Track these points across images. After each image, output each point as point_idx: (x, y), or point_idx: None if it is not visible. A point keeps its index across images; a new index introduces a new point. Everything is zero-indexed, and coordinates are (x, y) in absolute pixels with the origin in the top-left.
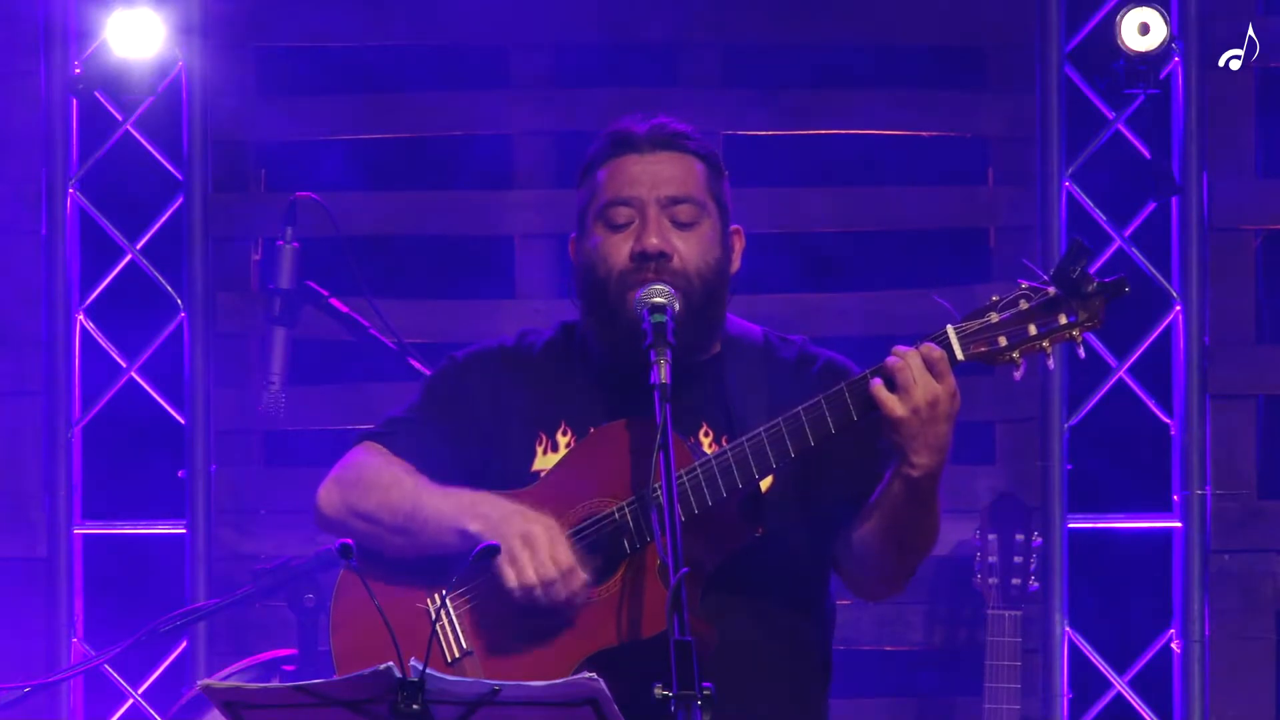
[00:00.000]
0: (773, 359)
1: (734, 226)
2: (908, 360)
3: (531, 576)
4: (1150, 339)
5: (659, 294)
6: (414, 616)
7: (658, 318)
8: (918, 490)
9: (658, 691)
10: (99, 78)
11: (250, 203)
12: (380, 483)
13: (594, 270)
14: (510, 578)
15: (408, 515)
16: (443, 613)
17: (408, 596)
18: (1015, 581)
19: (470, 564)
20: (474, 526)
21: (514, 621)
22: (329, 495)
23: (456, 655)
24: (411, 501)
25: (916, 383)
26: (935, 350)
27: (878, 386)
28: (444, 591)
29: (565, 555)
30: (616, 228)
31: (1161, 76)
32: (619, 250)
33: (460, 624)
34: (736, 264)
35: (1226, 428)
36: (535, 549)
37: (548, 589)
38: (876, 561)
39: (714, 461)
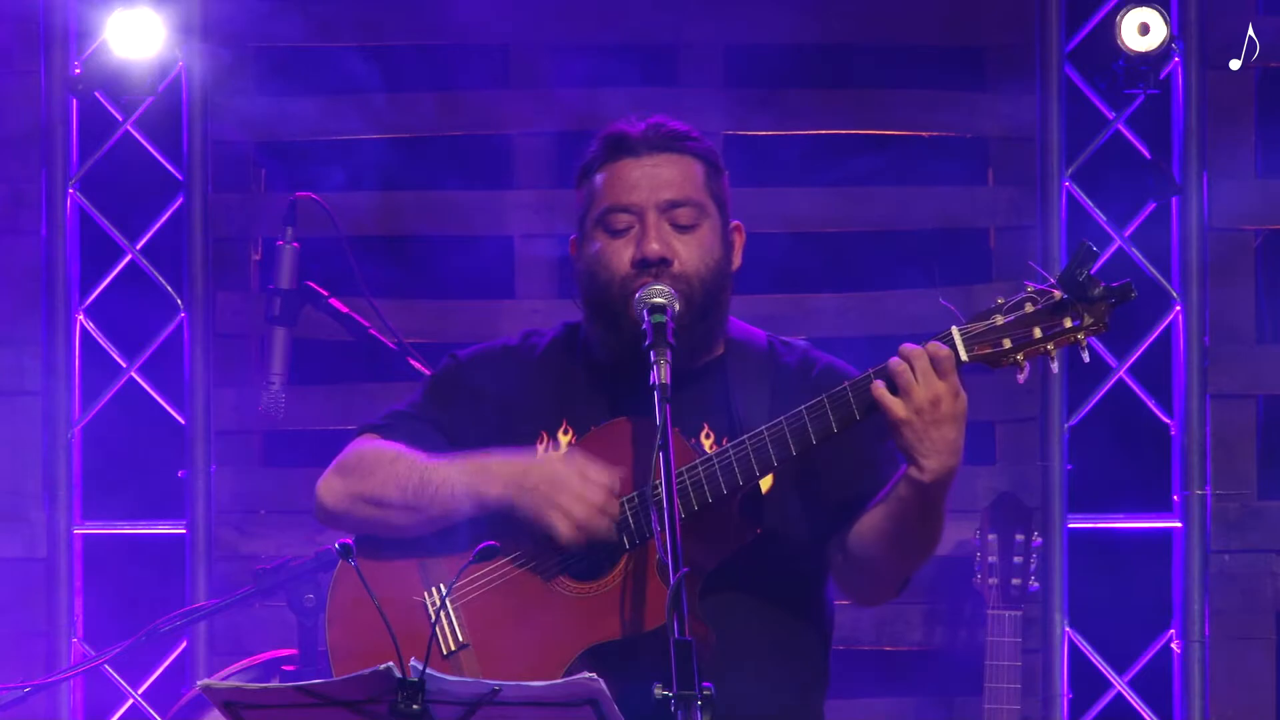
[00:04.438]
0: (776, 363)
1: (734, 223)
2: (912, 360)
3: (581, 513)
4: (1150, 339)
5: (659, 294)
6: (411, 610)
7: (657, 318)
8: (925, 496)
9: (657, 691)
10: (99, 78)
11: (250, 203)
12: (383, 460)
13: (596, 277)
14: (563, 527)
15: (417, 488)
16: (440, 610)
17: (405, 589)
18: (1015, 581)
19: (470, 564)
20: (492, 491)
21: (511, 615)
22: (330, 486)
23: (453, 648)
24: (419, 474)
25: (919, 383)
26: (942, 349)
27: (878, 388)
28: (442, 587)
29: (595, 472)
30: (616, 234)
31: (1161, 76)
32: (620, 256)
33: (457, 617)
34: (738, 261)
35: (1226, 428)
36: (569, 486)
37: (605, 510)
38: (873, 566)
39: (715, 459)
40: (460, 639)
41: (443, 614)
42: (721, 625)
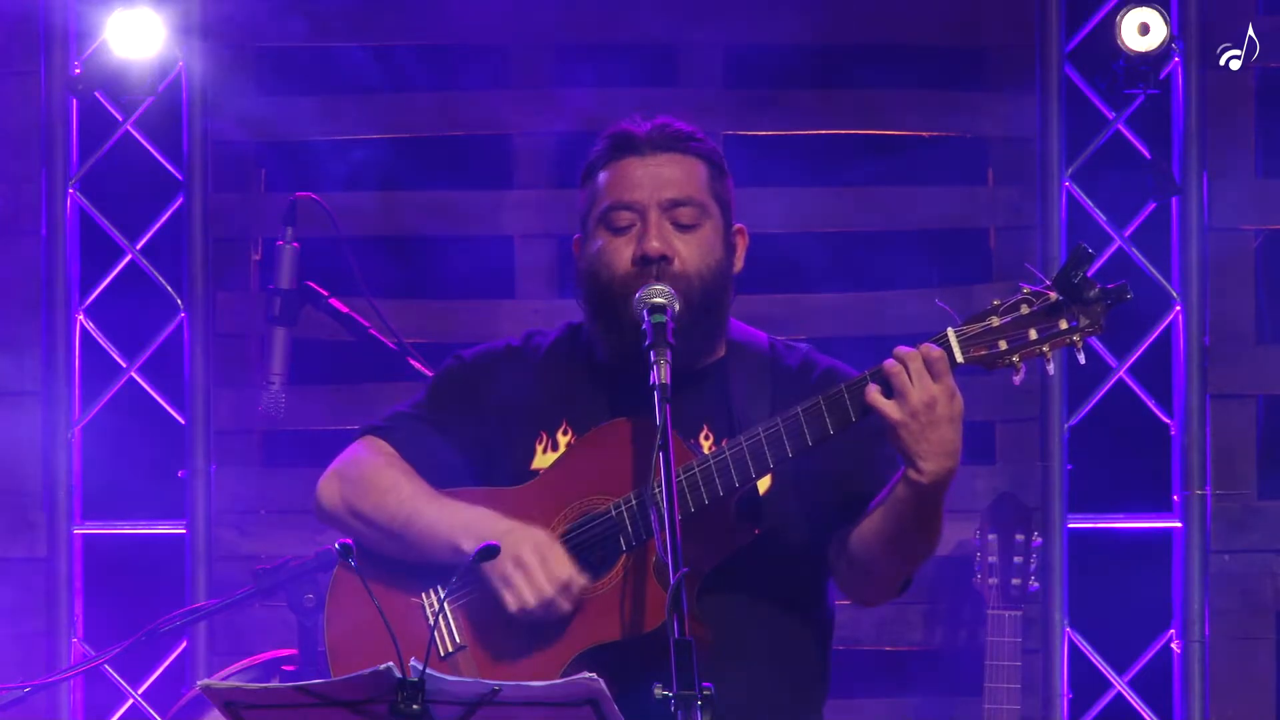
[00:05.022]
0: (777, 366)
1: (737, 226)
2: (906, 362)
3: (529, 599)
4: (1150, 339)
5: (659, 294)
6: (408, 611)
7: (657, 318)
8: (924, 498)
9: (658, 691)
10: (99, 78)
11: (250, 203)
12: (379, 485)
13: (597, 274)
14: (509, 602)
15: (403, 524)
16: (439, 615)
17: (402, 591)
18: (1015, 581)
19: (469, 566)
20: (466, 546)
21: (508, 617)
22: (329, 488)
23: (450, 650)
24: (408, 510)
25: (913, 385)
26: (935, 350)
27: (872, 392)
28: (440, 589)
29: (560, 569)
30: (618, 231)
31: (1161, 76)
32: (621, 254)
33: (454, 619)
34: (739, 264)
35: (1226, 428)
36: (529, 571)
37: (546, 608)
38: (872, 567)
39: (712, 460)
40: (457, 640)
41: (440, 616)
42: (720, 626)
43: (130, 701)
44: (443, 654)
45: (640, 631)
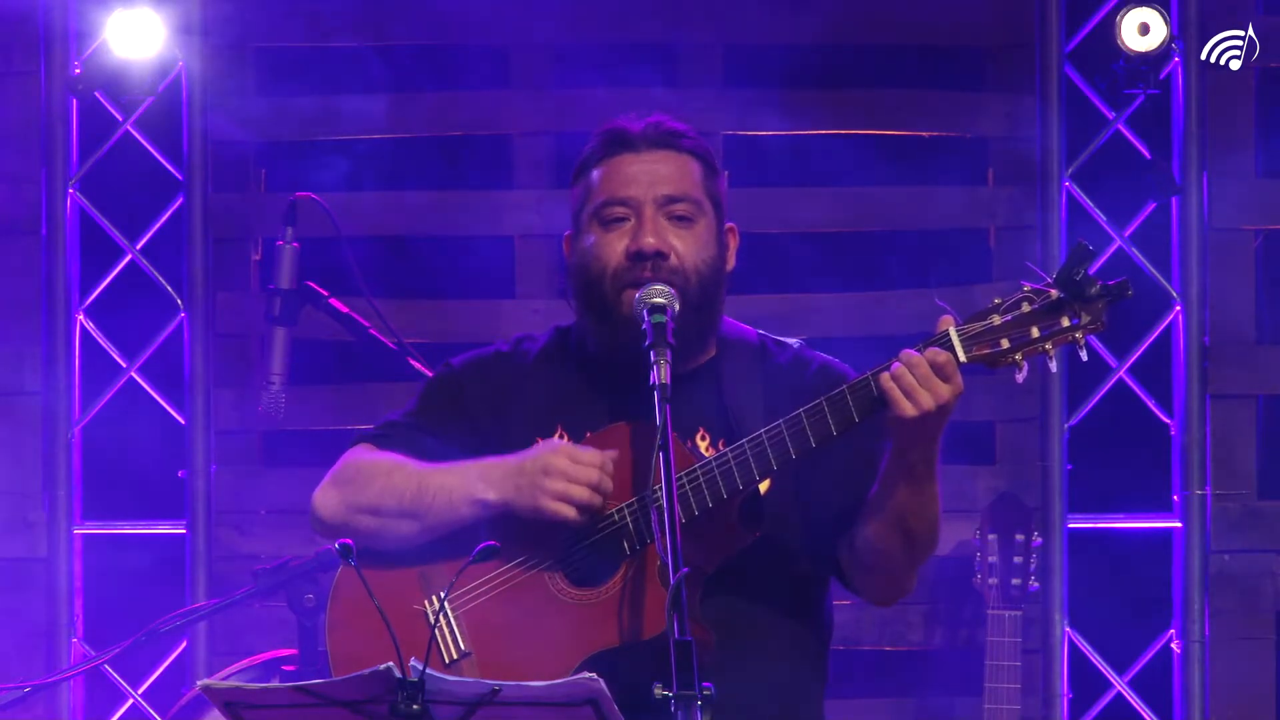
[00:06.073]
0: (768, 362)
1: (729, 225)
2: (913, 367)
3: (575, 493)
4: (1150, 339)
5: (659, 294)
6: (411, 618)
7: (658, 318)
8: (914, 472)
9: (658, 691)
10: (99, 78)
11: (250, 203)
12: (380, 471)
13: (588, 269)
14: (555, 509)
15: (414, 496)
16: (441, 615)
17: (405, 598)
18: (1015, 581)
19: (470, 564)
20: (490, 495)
21: (513, 623)
22: (326, 499)
23: (455, 657)
24: (416, 482)
25: (923, 388)
26: (942, 354)
27: (889, 385)
28: (442, 593)
29: (588, 455)
30: (611, 226)
31: (1161, 76)
32: (614, 248)
33: (458, 626)
34: (732, 262)
35: (1226, 428)
36: (561, 470)
37: (594, 493)
38: (884, 559)
39: (714, 464)
40: (462, 647)
41: (443, 619)
42: (721, 627)
43: (130, 701)
44: (447, 661)
45: (642, 638)
